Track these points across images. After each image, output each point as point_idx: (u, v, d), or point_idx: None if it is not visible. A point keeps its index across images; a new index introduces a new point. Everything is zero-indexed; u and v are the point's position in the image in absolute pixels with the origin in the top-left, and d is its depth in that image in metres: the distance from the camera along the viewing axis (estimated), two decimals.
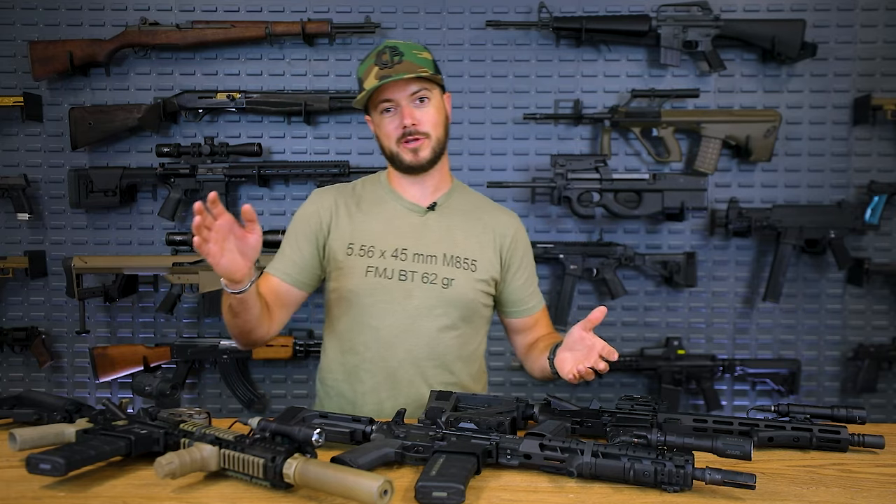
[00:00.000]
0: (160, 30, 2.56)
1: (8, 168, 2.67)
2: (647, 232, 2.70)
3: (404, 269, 1.57)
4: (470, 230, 1.64)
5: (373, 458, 1.14)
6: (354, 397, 1.62)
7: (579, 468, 1.09)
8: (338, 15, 2.63)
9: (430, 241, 1.61)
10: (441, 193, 1.66)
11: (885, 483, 1.13)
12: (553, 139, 2.67)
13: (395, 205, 1.64)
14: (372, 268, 1.57)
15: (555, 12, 2.57)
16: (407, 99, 1.54)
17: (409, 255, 1.59)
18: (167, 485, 1.07)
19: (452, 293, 1.58)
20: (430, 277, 1.57)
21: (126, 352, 2.57)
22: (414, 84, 1.53)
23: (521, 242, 1.69)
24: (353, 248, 1.60)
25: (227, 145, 2.55)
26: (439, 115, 1.58)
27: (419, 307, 1.57)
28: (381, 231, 1.61)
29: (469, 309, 1.61)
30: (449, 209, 1.65)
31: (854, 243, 2.66)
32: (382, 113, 1.57)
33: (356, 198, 1.66)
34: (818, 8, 2.63)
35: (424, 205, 1.64)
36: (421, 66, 1.53)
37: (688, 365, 2.62)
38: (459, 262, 1.60)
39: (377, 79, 1.52)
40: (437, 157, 1.59)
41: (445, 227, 1.63)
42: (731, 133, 2.57)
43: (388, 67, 1.52)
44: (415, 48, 1.57)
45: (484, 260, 1.62)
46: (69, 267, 2.48)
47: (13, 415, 1.40)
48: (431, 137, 1.56)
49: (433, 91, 1.57)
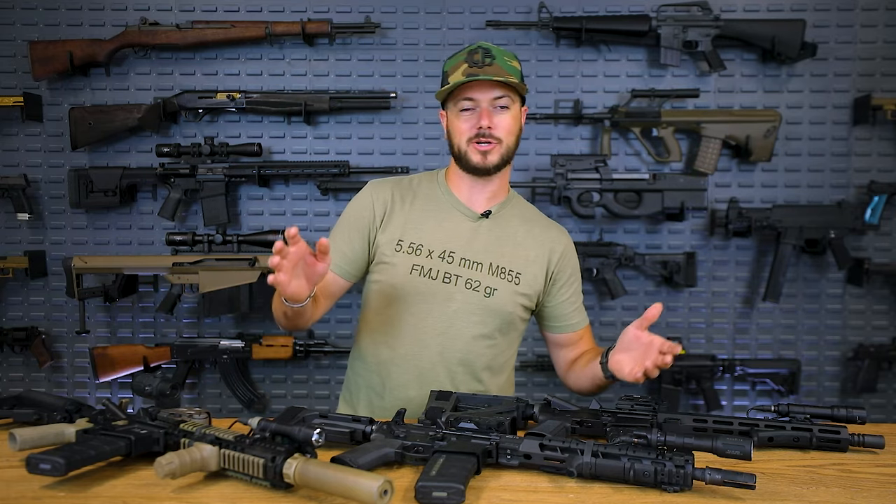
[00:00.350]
0: (160, 30, 2.56)
1: (8, 168, 2.67)
2: (647, 232, 2.70)
3: (449, 272, 1.58)
4: (520, 242, 1.64)
5: (373, 458, 1.14)
6: (383, 390, 1.63)
7: (579, 468, 1.09)
8: (338, 15, 2.63)
9: (478, 248, 1.61)
10: (497, 202, 1.65)
11: (885, 483, 1.13)
12: (553, 139, 2.67)
13: (450, 207, 1.64)
14: (417, 266, 1.58)
15: (555, 12, 2.57)
16: (488, 102, 1.54)
17: (456, 258, 1.59)
18: (167, 485, 1.07)
19: (493, 303, 1.59)
20: (474, 284, 1.58)
21: (126, 352, 2.57)
22: (499, 89, 1.53)
23: (570, 259, 1.69)
24: (402, 245, 1.60)
25: (227, 145, 2.55)
26: (515, 124, 1.59)
27: (458, 312, 1.58)
28: (431, 231, 1.61)
29: (506, 320, 1.61)
30: (503, 219, 1.65)
31: (854, 243, 2.66)
32: (461, 111, 1.56)
33: (412, 193, 1.66)
34: (818, 8, 2.63)
35: (479, 211, 1.64)
36: (510, 73, 1.53)
37: (688, 365, 2.62)
38: (504, 272, 1.60)
39: (464, 76, 1.52)
40: (503, 163, 1.58)
41: (496, 237, 1.63)
42: (731, 133, 2.57)
43: (477, 67, 1.52)
44: (507, 55, 1.57)
45: (528, 274, 1.62)
46: (69, 267, 2.48)
47: (13, 415, 1.39)
48: (503, 144, 1.56)
49: (515, 102, 1.58)
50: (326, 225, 2.68)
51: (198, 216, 2.67)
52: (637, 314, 2.69)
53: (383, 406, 1.62)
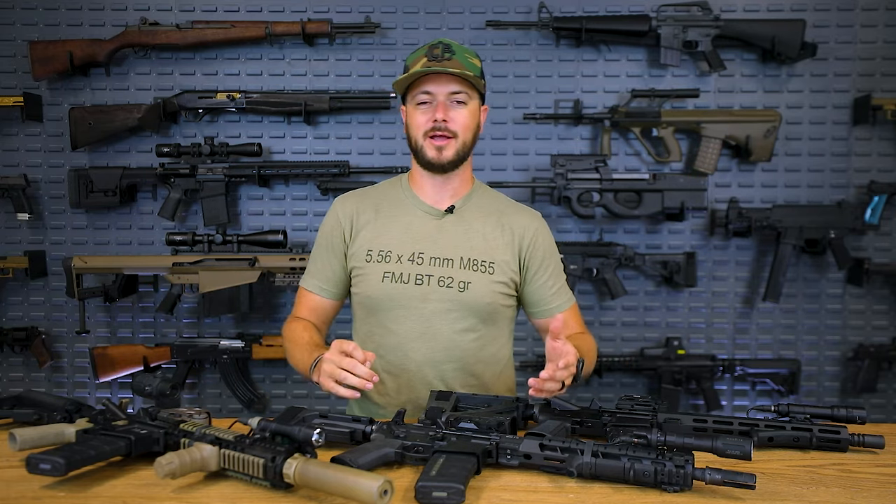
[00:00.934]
0: (160, 30, 2.56)
1: (8, 168, 2.67)
2: (647, 232, 2.70)
3: (421, 273, 1.58)
4: (488, 232, 1.63)
5: (373, 458, 1.14)
6: (379, 399, 1.64)
7: (579, 468, 1.09)
8: (338, 15, 2.63)
9: (446, 244, 1.61)
10: (460, 196, 1.66)
11: (885, 483, 1.13)
12: (553, 139, 2.67)
13: (414, 208, 1.65)
14: (389, 273, 1.59)
15: (555, 12, 2.57)
16: (445, 96, 1.54)
17: (426, 258, 1.59)
18: (167, 485, 1.07)
19: (469, 296, 1.58)
20: (447, 281, 1.58)
21: (126, 352, 2.57)
22: (455, 84, 1.54)
23: (541, 242, 1.67)
24: (372, 254, 1.61)
25: (227, 145, 2.55)
26: (472, 120, 1.59)
27: (435, 311, 1.58)
28: (398, 236, 1.62)
29: (486, 311, 1.61)
30: (468, 211, 1.65)
31: (854, 243, 2.66)
32: (418, 105, 1.57)
33: (377, 202, 1.67)
34: (818, 8, 2.63)
35: (442, 208, 1.64)
36: (468, 69, 1.54)
37: (688, 365, 2.62)
38: (477, 264, 1.60)
39: (422, 68, 1.52)
40: (459, 159, 1.58)
41: (463, 231, 1.62)
42: (731, 133, 2.57)
43: (436, 60, 1.52)
44: (467, 52, 1.58)
45: (502, 262, 1.62)
46: (69, 267, 2.48)
47: (13, 415, 1.40)
48: (458, 139, 1.56)
49: (472, 97, 1.58)
50: None
51: (198, 216, 2.67)
52: (637, 314, 2.71)
53: (382, 415, 1.62)
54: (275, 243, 2.50)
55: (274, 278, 2.51)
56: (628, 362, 2.63)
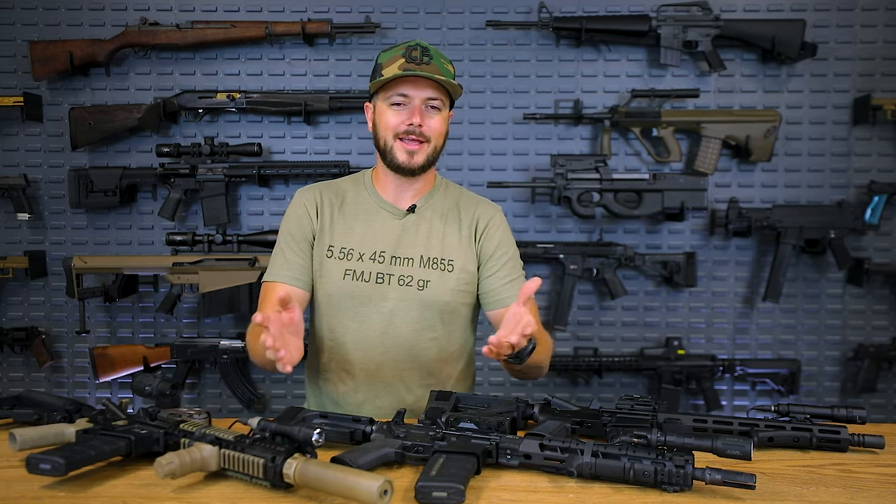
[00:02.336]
0: (160, 30, 2.56)
1: (8, 168, 2.67)
2: (647, 232, 2.70)
3: (381, 271, 1.59)
4: (448, 230, 1.64)
5: (373, 458, 1.14)
6: (337, 397, 1.64)
7: (579, 468, 1.09)
8: (338, 15, 2.63)
9: (407, 243, 1.61)
10: (422, 195, 1.66)
11: (885, 483, 1.13)
12: (553, 139, 2.67)
13: (376, 207, 1.65)
14: (350, 271, 1.59)
15: (555, 12, 2.57)
16: (421, 101, 1.54)
17: (387, 257, 1.60)
18: (167, 485, 1.07)
19: (427, 295, 1.58)
20: (406, 280, 1.59)
21: (126, 352, 2.57)
22: (433, 90, 1.55)
23: (496, 232, 1.65)
24: (333, 251, 1.61)
25: (227, 145, 2.55)
26: (444, 126, 1.60)
27: (394, 310, 1.58)
28: (360, 234, 1.62)
29: (446, 310, 1.61)
30: (429, 210, 1.65)
31: (854, 243, 2.66)
32: (392, 105, 1.56)
33: (340, 198, 1.67)
34: (818, 8, 2.63)
35: (404, 207, 1.64)
36: (445, 75, 1.54)
37: (688, 365, 2.62)
38: (436, 263, 1.60)
39: (401, 70, 1.51)
40: (429, 164, 1.59)
41: (424, 230, 1.63)
42: (731, 133, 2.57)
43: (415, 63, 1.52)
44: (443, 58, 1.58)
45: (462, 258, 1.62)
46: (69, 267, 2.48)
47: (13, 415, 1.40)
48: (430, 145, 1.57)
49: (445, 105, 1.59)
50: None
51: (198, 216, 2.67)
52: (637, 314, 2.71)
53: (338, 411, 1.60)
54: (274, 243, 2.49)
55: None
56: (628, 362, 2.63)
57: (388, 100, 1.56)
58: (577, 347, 2.67)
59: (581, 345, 2.69)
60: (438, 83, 1.54)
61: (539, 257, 2.56)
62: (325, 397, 1.67)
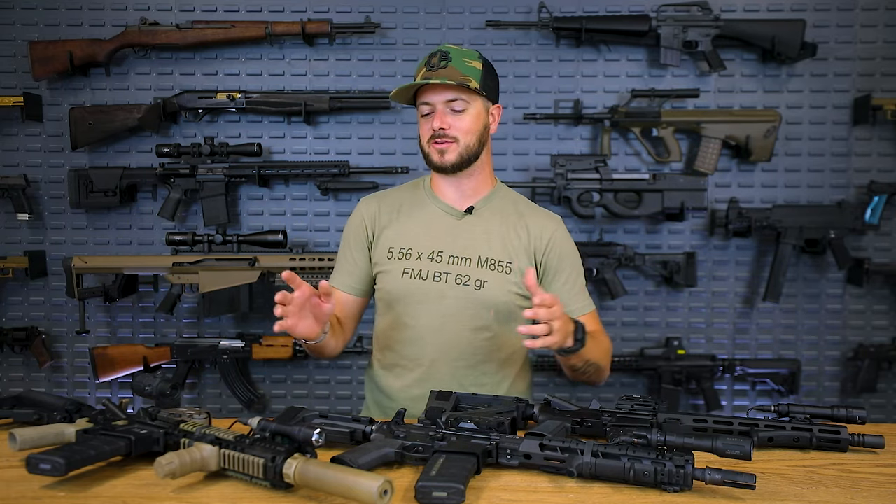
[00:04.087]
0: (160, 30, 2.56)
1: (8, 168, 2.67)
2: (647, 232, 2.70)
3: (439, 270, 1.62)
4: (507, 233, 1.65)
5: (373, 458, 1.14)
6: (391, 392, 1.68)
7: (579, 468, 1.09)
8: (338, 15, 2.63)
9: (465, 243, 1.64)
10: (480, 197, 1.68)
11: (885, 483, 1.13)
12: (553, 139, 2.67)
13: (434, 208, 1.68)
14: (408, 269, 1.62)
15: (555, 12, 2.57)
16: (442, 104, 1.57)
17: (445, 257, 1.62)
18: (167, 485, 1.07)
19: (484, 294, 1.60)
20: (464, 279, 1.61)
21: (126, 352, 2.57)
22: (450, 92, 1.57)
23: (558, 246, 1.67)
24: (393, 252, 1.65)
25: (227, 145, 2.55)
26: (475, 124, 1.60)
27: (451, 308, 1.60)
28: (419, 234, 1.65)
29: (502, 311, 1.62)
30: (488, 212, 1.68)
31: (854, 243, 2.66)
32: (422, 116, 1.62)
33: (398, 202, 1.71)
34: (818, 8, 2.63)
35: (462, 208, 1.67)
36: (464, 74, 1.56)
37: (688, 365, 2.62)
38: (494, 264, 1.62)
39: (422, 79, 1.56)
40: (463, 162, 1.60)
41: (482, 231, 1.65)
42: (731, 133, 2.57)
43: (432, 70, 1.56)
44: (465, 55, 1.60)
45: (520, 262, 1.64)
46: (69, 267, 2.48)
47: (13, 415, 1.40)
48: (460, 143, 1.59)
49: (472, 101, 1.59)
50: (326, 225, 2.68)
51: (198, 216, 2.67)
52: (637, 314, 2.71)
53: (392, 407, 1.63)
54: (275, 243, 2.50)
55: (274, 278, 2.51)
56: (628, 362, 2.63)
57: (419, 111, 1.63)
58: None
59: None
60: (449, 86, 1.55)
61: None
62: (380, 392, 1.71)
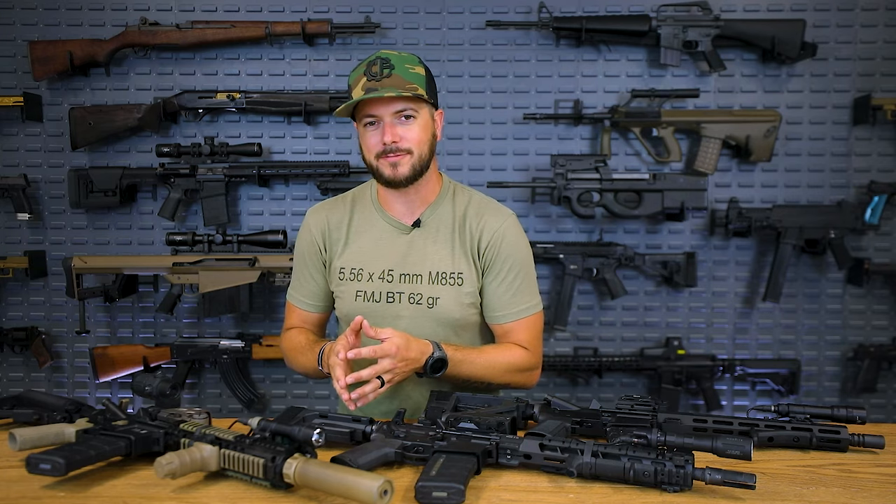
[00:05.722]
0: (160, 30, 2.56)
1: (8, 168, 2.67)
2: (647, 232, 2.70)
3: (392, 290, 1.58)
4: (455, 241, 1.60)
5: (373, 458, 1.14)
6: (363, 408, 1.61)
7: (579, 468, 1.09)
8: (338, 15, 2.63)
9: (415, 259, 1.59)
10: (428, 205, 1.62)
11: (885, 483, 1.13)
12: (553, 139, 2.67)
13: (383, 223, 1.62)
14: (361, 292, 1.59)
15: (555, 12, 2.57)
16: (391, 116, 1.49)
17: (396, 275, 1.59)
18: (167, 485, 1.07)
19: (438, 312, 1.57)
20: (416, 297, 1.57)
21: (126, 352, 2.57)
22: (399, 102, 1.48)
23: (499, 244, 1.59)
24: (345, 272, 1.61)
25: (227, 145, 2.55)
26: (425, 133, 1.52)
27: (407, 327, 1.53)
28: (368, 253, 1.61)
29: (457, 325, 1.60)
30: (435, 221, 1.61)
31: (854, 243, 2.66)
32: (366, 126, 1.53)
33: (348, 215, 1.65)
34: (818, 8, 2.63)
35: (409, 221, 1.61)
36: (410, 81, 1.48)
37: (688, 365, 2.62)
38: (445, 277, 1.58)
39: (363, 90, 1.47)
40: (417, 174, 1.53)
41: (431, 243, 1.60)
42: (731, 133, 2.57)
43: (375, 80, 1.47)
44: (408, 61, 1.51)
45: (471, 270, 1.59)
46: (69, 267, 2.48)
47: (13, 415, 1.40)
48: (413, 154, 1.51)
49: (420, 109, 1.52)
50: None
51: (198, 216, 2.67)
52: (637, 314, 2.71)
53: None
54: (275, 243, 2.50)
55: (274, 278, 2.51)
56: (628, 362, 2.63)
57: (361, 122, 1.53)
58: (577, 347, 2.67)
59: (581, 345, 2.69)
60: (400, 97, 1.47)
61: (539, 257, 2.55)
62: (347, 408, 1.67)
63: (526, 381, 1.63)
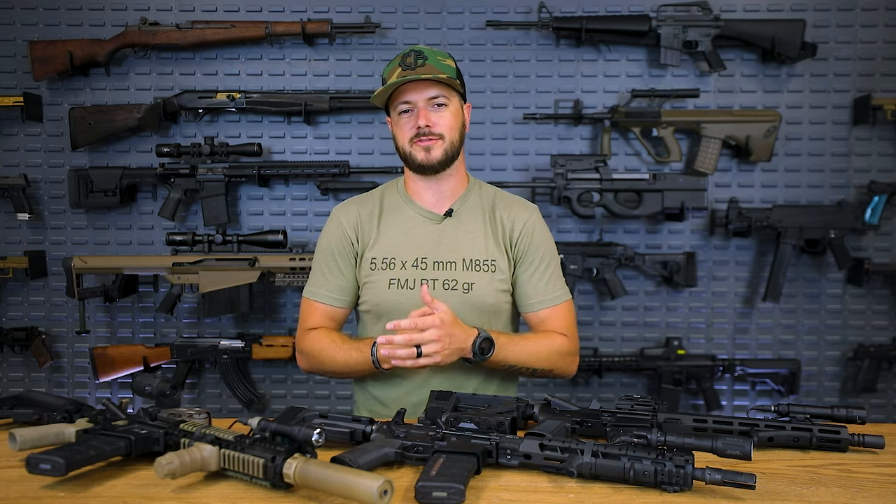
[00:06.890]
0: (160, 30, 2.56)
1: (8, 168, 2.67)
2: (647, 232, 2.70)
3: (425, 277, 1.60)
4: (487, 231, 1.65)
5: (373, 458, 1.14)
6: (389, 401, 1.65)
7: (579, 468, 1.09)
8: (338, 15, 2.63)
9: (448, 247, 1.63)
10: (457, 197, 1.67)
11: (885, 483, 1.13)
12: (553, 139, 2.67)
13: (413, 213, 1.66)
14: (394, 280, 1.61)
15: (555, 12, 2.57)
16: (424, 102, 1.57)
17: (430, 263, 1.61)
18: (167, 485, 1.07)
19: (472, 297, 1.60)
20: (451, 284, 1.60)
21: (126, 352, 2.57)
22: (433, 88, 1.56)
23: (529, 235, 1.66)
24: (377, 262, 1.63)
25: (227, 145, 2.55)
26: (456, 120, 1.61)
27: None
28: (400, 242, 1.64)
29: (491, 311, 1.63)
30: (466, 211, 1.67)
31: (854, 243, 2.66)
32: (401, 114, 1.60)
33: (377, 209, 1.68)
34: (818, 8, 2.63)
35: (441, 211, 1.66)
36: (443, 71, 1.56)
37: (688, 365, 2.62)
38: (479, 264, 1.62)
39: (398, 78, 1.55)
40: (448, 159, 1.60)
41: (463, 232, 1.64)
42: (731, 133, 2.57)
43: (410, 69, 1.55)
44: (440, 55, 1.60)
45: (503, 258, 1.64)
46: (69, 267, 2.48)
47: (13, 415, 1.40)
48: (445, 139, 1.58)
49: (452, 98, 1.60)
50: None
51: (198, 216, 2.67)
52: (637, 314, 2.71)
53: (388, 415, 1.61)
54: (275, 243, 2.50)
55: (274, 278, 2.51)
56: (628, 362, 2.63)
57: (396, 110, 1.60)
58: None
59: (581, 345, 2.69)
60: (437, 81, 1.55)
61: None
62: (376, 402, 1.67)
63: (568, 367, 1.66)
